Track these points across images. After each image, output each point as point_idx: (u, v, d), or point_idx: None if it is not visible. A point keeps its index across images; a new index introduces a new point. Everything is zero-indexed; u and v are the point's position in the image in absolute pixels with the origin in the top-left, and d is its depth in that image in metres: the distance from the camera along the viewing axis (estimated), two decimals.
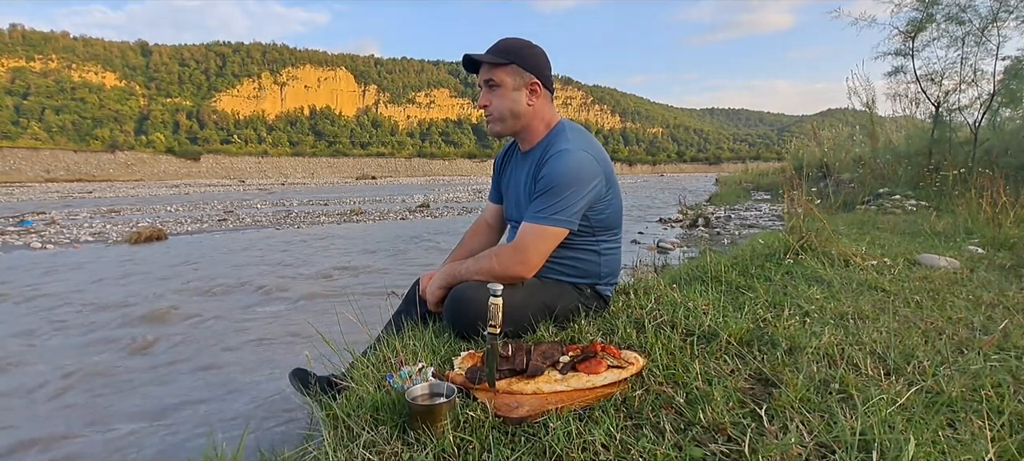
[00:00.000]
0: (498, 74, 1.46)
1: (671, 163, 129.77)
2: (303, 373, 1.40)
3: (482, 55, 1.47)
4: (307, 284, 4.41)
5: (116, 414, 2.05)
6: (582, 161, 1.42)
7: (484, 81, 1.49)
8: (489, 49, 1.49)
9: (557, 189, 1.39)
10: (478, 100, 1.53)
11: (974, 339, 1.39)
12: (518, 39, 1.50)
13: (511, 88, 1.47)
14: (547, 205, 1.40)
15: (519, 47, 1.47)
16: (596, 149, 1.49)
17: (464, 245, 1.74)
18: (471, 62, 1.49)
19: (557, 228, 1.41)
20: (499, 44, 1.49)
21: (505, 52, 1.46)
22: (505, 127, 1.51)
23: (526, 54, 1.47)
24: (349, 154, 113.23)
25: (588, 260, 1.54)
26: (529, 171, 1.51)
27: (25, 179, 62.26)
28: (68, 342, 2.94)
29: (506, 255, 1.44)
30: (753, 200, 11.70)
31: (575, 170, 1.40)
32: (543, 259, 1.44)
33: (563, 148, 1.42)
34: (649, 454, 0.85)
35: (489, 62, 1.46)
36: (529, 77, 1.47)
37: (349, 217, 10.95)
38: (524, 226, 1.44)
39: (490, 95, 1.49)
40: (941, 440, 0.85)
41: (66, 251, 6.45)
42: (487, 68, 1.47)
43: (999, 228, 3.42)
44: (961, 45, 6.65)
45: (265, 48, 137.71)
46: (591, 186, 1.43)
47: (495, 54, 1.46)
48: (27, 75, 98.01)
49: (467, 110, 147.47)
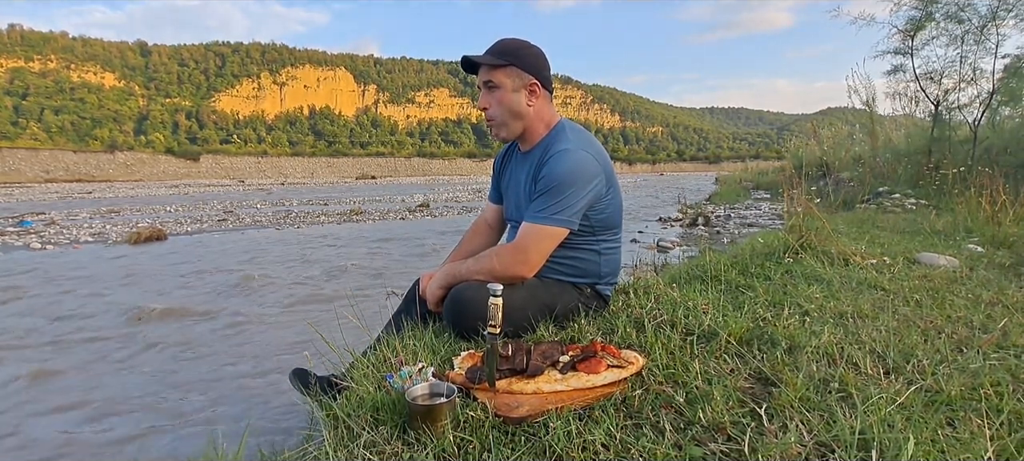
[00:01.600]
0: (497, 75, 1.45)
1: (671, 162, 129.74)
2: (303, 373, 1.40)
3: (480, 57, 1.46)
4: (307, 284, 4.41)
5: (115, 414, 2.05)
6: (583, 161, 1.42)
7: (483, 83, 1.48)
8: (488, 50, 1.48)
9: (558, 189, 1.39)
10: (478, 101, 1.53)
11: (973, 338, 1.39)
12: (516, 40, 1.49)
13: (510, 89, 1.46)
14: (548, 205, 1.40)
15: (517, 48, 1.47)
16: (596, 149, 1.49)
17: (464, 245, 1.74)
18: (470, 63, 1.49)
19: (558, 228, 1.41)
20: (497, 45, 1.48)
21: (503, 53, 1.46)
22: (508, 130, 1.51)
23: (524, 54, 1.46)
24: (349, 154, 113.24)
25: (588, 260, 1.55)
26: (529, 171, 1.51)
27: (24, 179, 62.24)
28: (66, 342, 2.94)
29: (507, 255, 1.44)
30: (753, 199, 11.70)
31: (575, 170, 1.40)
32: (544, 259, 1.44)
33: (563, 148, 1.42)
34: (649, 453, 0.86)
35: (488, 64, 1.45)
36: (528, 78, 1.46)
37: (349, 217, 10.95)
38: (524, 226, 1.44)
39: (490, 97, 1.48)
40: (940, 439, 0.85)
41: (66, 251, 6.44)
42: (486, 70, 1.46)
43: (999, 227, 3.42)
44: (960, 44, 6.65)
45: (264, 48, 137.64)
46: (592, 186, 1.43)
47: (493, 55, 1.46)
48: (26, 75, 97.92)
49: (467, 110, 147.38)
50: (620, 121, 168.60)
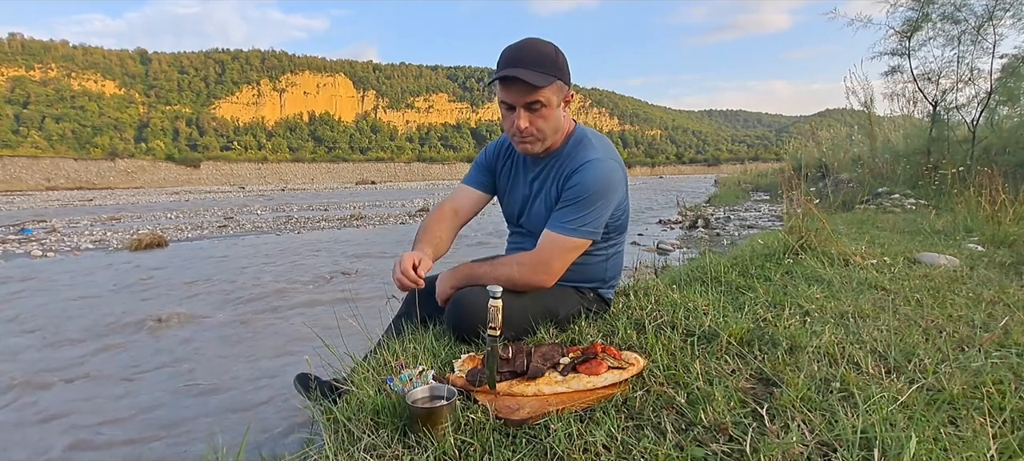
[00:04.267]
0: (546, 93, 1.31)
1: (670, 165, 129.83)
2: (305, 378, 1.39)
3: (532, 75, 1.28)
4: (308, 289, 4.41)
5: (116, 419, 2.05)
6: (612, 171, 1.40)
7: (527, 103, 1.32)
8: (522, 61, 1.29)
9: (588, 200, 1.36)
10: (515, 123, 1.33)
11: (975, 336, 1.39)
12: (547, 46, 1.33)
13: (555, 106, 1.35)
14: (577, 216, 1.37)
15: (554, 56, 1.32)
16: (618, 155, 1.47)
17: (432, 231, 1.52)
18: (507, 76, 1.29)
19: (584, 240, 1.39)
20: (530, 55, 1.30)
21: (547, 65, 1.30)
22: (544, 145, 1.40)
23: (562, 63, 1.34)
24: (348, 159, 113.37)
25: (596, 264, 1.53)
26: (548, 179, 1.46)
27: (26, 187, 62.31)
28: (65, 349, 2.94)
29: (529, 264, 1.40)
30: (752, 200, 11.71)
31: (606, 181, 1.38)
32: (565, 269, 1.42)
33: (595, 158, 1.38)
34: (651, 454, 0.85)
35: (536, 84, 1.29)
36: (567, 89, 1.36)
37: (349, 222, 10.95)
38: (550, 236, 1.39)
39: (534, 117, 1.33)
40: (943, 437, 0.85)
41: (67, 258, 6.44)
42: (531, 89, 1.30)
43: (998, 226, 3.42)
44: (957, 44, 6.68)
45: (264, 55, 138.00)
46: (617, 195, 1.43)
47: (539, 71, 1.29)
48: (27, 84, 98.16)
49: (466, 114, 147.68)
50: (619, 124, 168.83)
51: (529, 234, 1.52)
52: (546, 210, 1.45)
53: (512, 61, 1.30)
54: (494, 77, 1.32)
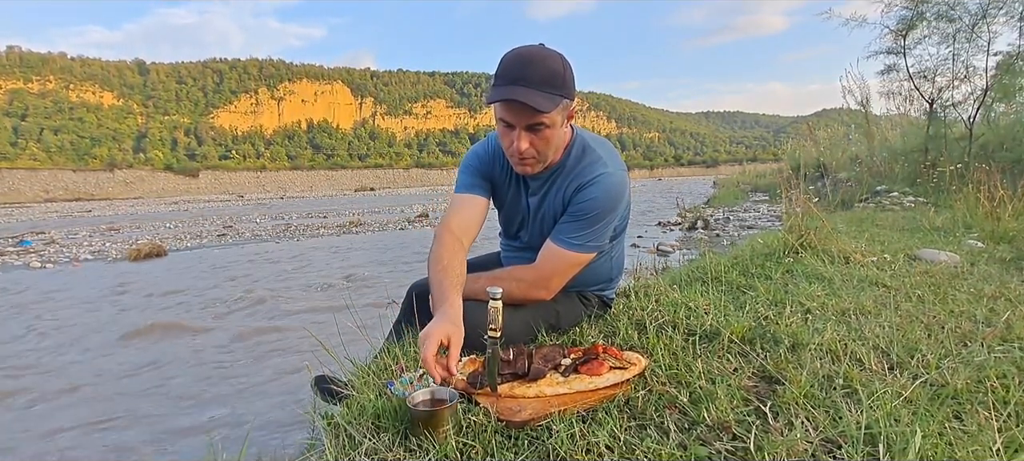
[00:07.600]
0: (551, 115, 1.19)
1: (668, 167, 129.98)
2: (323, 380, 1.38)
3: (538, 97, 1.15)
4: (307, 296, 4.40)
5: (116, 423, 2.04)
6: (621, 183, 1.34)
7: (529, 124, 1.20)
8: (526, 78, 1.15)
9: (598, 216, 1.31)
10: (515, 144, 1.22)
11: (977, 331, 1.39)
12: (555, 60, 1.19)
13: (559, 124, 1.24)
14: (584, 232, 1.32)
15: (563, 73, 1.19)
16: (621, 160, 1.42)
17: (453, 271, 1.25)
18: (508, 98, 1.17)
19: (589, 255, 1.37)
20: (537, 72, 1.16)
21: (555, 85, 1.17)
22: (544, 165, 1.32)
23: (570, 80, 1.21)
24: (347, 166, 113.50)
25: (601, 267, 1.51)
26: (548, 194, 1.39)
27: (24, 199, 62.30)
28: (64, 357, 2.93)
29: (529, 281, 1.35)
30: (751, 201, 11.73)
31: (617, 195, 1.33)
32: (565, 283, 1.39)
33: (604, 172, 1.31)
34: (654, 454, 0.85)
35: (542, 109, 1.16)
36: (571, 105, 1.25)
37: (348, 229, 10.95)
38: (554, 250, 1.34)
39: (535, 138, 1.22)
40: (948, 432, 0.85)
41: (65, 269, 6.43)
42: (535, 112, 1.17)
43: (998, 222, 3.42)
44: (952, 42, 6.72)
45: (262, 64, 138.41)
46: (624, 205, 1.39)
47: (547, 92, 1.16)
48: (25, 96, 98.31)
49: (464, 120, 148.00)
50: (616, 127, 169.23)
51: (528, 248, 1.46)
52: (549, 225, 1.39)
53: (515, 77, 1.16)
54: (495, 99, 1.18)
